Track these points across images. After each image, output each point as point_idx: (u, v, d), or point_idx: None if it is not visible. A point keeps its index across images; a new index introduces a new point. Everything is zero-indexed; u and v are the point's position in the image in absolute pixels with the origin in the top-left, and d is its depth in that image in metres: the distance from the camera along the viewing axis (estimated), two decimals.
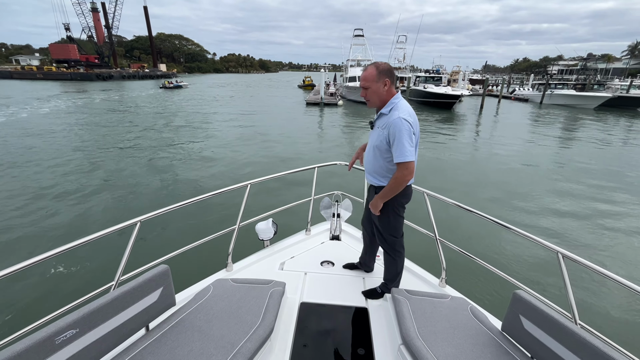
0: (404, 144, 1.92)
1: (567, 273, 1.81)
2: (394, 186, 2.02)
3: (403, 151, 1.93)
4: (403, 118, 1.93)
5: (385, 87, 2.02)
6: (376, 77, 2.00)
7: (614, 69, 59.87)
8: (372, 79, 2.01)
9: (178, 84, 49.00)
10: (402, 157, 1.93)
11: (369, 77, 2.01)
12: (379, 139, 2.05)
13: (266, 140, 14.08)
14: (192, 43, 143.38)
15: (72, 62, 71.76)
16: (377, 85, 2.01)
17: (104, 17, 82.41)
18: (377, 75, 2.00)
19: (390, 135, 1.96)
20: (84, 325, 1.36)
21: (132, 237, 1.93)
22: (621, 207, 7.55)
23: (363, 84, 2.05)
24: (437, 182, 9.09)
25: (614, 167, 11.06)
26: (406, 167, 1.95)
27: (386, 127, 1.99)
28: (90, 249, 5.00)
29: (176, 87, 47.71)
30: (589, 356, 1.33)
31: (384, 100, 2.06)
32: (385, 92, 2.04)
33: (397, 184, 2.00)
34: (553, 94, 35.65)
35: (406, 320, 1.85)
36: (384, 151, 2.06)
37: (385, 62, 2.05)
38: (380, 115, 2.09)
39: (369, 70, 2.02)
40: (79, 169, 9.55)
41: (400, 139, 1.92)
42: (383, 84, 2.01)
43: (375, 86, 2.02)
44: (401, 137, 1.92)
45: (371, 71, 2.01)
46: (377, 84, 2.01)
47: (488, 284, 4.29)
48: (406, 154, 1.92)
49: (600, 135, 17.50)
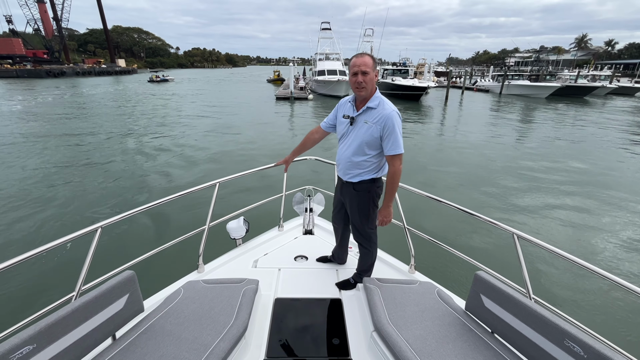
0: (398, 136, 1.97)
1: (521, 252, 1.95)
2: (394, 182, 2.05)
3: (398, 143, 1.98)
4: (396, 112, 1.99)
5: (376, 78, 2.05)
6: (373, 65, 2.00)
7: (563, 60, 64.35)
8: (372, 65, 1.99)
9: (164, 78, 53.02)
10: (398, 149, 1.98)
11: (369, 63, 1.98)
12: (368, 133, 2.02)
13: (235, 137, 13.76)
14: (153, 37, 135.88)
15: (17, 58, 65.57)
16: (373, 73, 2.01)
17: (52, 9, 75.71)
18: (374, 64, 2.01)
19: (385, 129, 1.97)
20: (42, 339, 1.28)
21: (93, 245, 1.84)
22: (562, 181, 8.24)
23: (363, 68, 1.96)
24: (407, 172, 9.37)
25: (563, 149, 12.00)
26: (399, 159, 2.02)
27: (380, 121, 1.98)
28: (47, 260, 4.67)
29: (163, 80, 51.21)
30: (541, 327, 1.46)
31: (373, 91, 2.06)
32: (375, 82, 2.05)
33: (397, 178, 2.05)
34: (510, 84, 37.84)
35: (377, 307, 1.92)
36: (374, 146, 2.05)
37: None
38: (367, 109, 2.05)
39: (367, 57, 1.99)
40: (28, 171, 8.84)
41: (396, 131, 1.96)
42: (375, 73, 2.03)
43: (372, 74, 2.00)
44: (396, 129, 1.96)
45: (369, 58, 1.99)
46: (374, 72, 2.01)
47: (454, 268, 4.53)
48: (401, 146, 1.99)
49: (549, 121, 18.98)
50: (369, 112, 2.04)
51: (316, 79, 33.04)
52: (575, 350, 1.32)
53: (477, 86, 44.00)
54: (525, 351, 1.55)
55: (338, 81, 29.05)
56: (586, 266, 1.68)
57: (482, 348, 1.65)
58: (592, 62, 69.59)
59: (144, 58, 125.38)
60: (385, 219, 2.16)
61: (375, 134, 2.00)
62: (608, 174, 9.48)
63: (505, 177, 8.96)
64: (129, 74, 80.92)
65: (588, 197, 7.62)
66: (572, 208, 7.02)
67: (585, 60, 73.89)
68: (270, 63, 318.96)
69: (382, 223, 2.18)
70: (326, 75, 31.03)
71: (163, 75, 54.35)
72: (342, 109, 2.23)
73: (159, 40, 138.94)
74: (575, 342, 1.33)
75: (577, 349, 1.32)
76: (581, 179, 8.95)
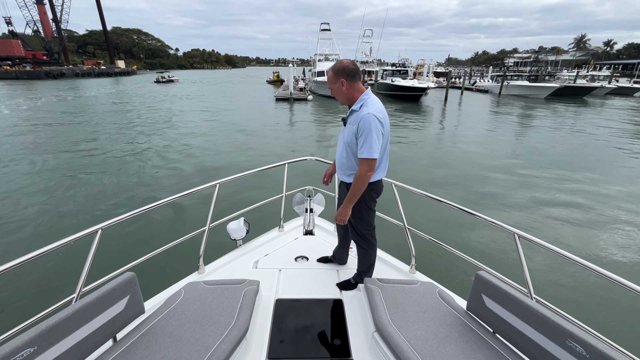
0: (371, 140, 1.91)
1: (522, 252, 1.95)
2: (357, 185, 2.03)
3: (369, 147, 1.92)
4: (373, 114, 1.92)
5: (344, 87, 2.04)
6: (333, 79, 2.06)
7: (562, 60, 64.44)
8: (331, 80, 2.08)
9: (170, 78, 56.02)
10: (368, 152, 1.93)
11: (329, 78, 2.10)
12: (349, 135, 2.04)
13: (235, 138, 13.78)
14: (152, 38, 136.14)
15: (17, 60, 65.56)
16: (335, 86, 2.06)
17: (51, 10, 75.76)
18: (334, 77, 2.05)
19: (359, 130, 1.95)
20: (42, 342, 1.28)
21: (94, 246, 1.83)
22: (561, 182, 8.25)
23: (328, 85, 2.14)
24: (408, 172, 9.38)
25: (561, 150, 12.00)
26: (368, 164, 1.95)
27: (356, 122, 1.98)
28: (47, 262, 4.66)
29: (168, 81, 54.13)
30: (542, 327, 1.46)
31: (351, 98, 2.07)
32: (346, 90, 2.05)
33: (361, 183, 2.01)
34: (509, 85, 37.87)
35: (379, 308, 1.91)
36: (354, 147, 2.05)
37: (344, 60, 2.07)
38: (351, 112, 2.08)
39: (329, 72, 2.10)
40: (25, 171, 8.83)
41: (369, 134, 1.91)
42: (340, 84, 2.03)
43: (335, 87, 2.07)
44: (370, 132, 1.91)
45: (329, 73, 2.09)
46: (336, 85, 2.06)
47: (455, 268, 4.53)
48: (372, 151, 1.92)
49: (548, 122, 19.00)
50: (352, 114, 2.08)
51: (315, 80, 33.08)
52: (577, 350, 1.32)
53: (477, 86, 44.07)
54: (527, 351, 1.54)
55: None
56: (587, 265, 1.68)
57: (484, 348, 1.65)
58: (591, 62, 69.78)
59: (144, 59, 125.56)
60: (339, 216, 2.16)
61: (352, 135, 2.02)
62: (608, 175, 9.49)
63: (505, 178, 8.96)
64: (129, 75, 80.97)
65: (588, 198, 7.63)
66: (573, 208, 7.02)
67: (584, 60, 74.07)
68: (269, 64, 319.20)
69: (336, 219, 2.20)
70: (325, 76, 31.01)
71: (168, 76, 57.27)
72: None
73: (158, 41, 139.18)
74: (577, 341, 1.32)
75: (579, 348, 1.31)
76: (581, 179, 8.95)
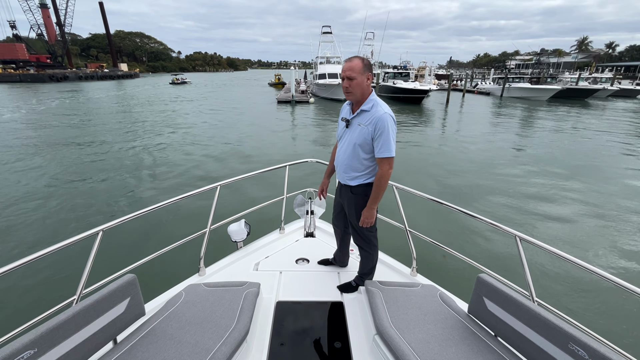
0: (390, 139, 1.94)
1: (524, 254, 1.94)
2: (380, 185, 2.02)
3: (389, 146, 1.95)
4: (389, 114, 1.95)
5: (368, 82, 2.01)
6: (362, 69, 1.95)
7: (564, 62, 64.19)
8: (359, 70, 1.95)
9: (184, 80, 61.25)
10: (388, 152, 1.95)
11: (356, 68, 1.94)
12: (361, 136, 2.02)
13: (236, 139, 13.81)
14: (155, 41, 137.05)
15: (21, 63, 66.13)
16: (362, 77, 1.96)
17: (55, 14, 76.51)
18: (363, 68, 1.95)
19: (376, 130, 1.95)
20: (43, 344, 1.28)
21: (94, 248, 1.83)
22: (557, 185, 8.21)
23: (349, 74, 1.96)
24: (409, 174, 9.36)
25: (561, 154, 11.95)
26: (389, 162, 1.98)
27: (371, 123, 1.96)
28: (48, 264, 4.67)
29: (182, 82, 59.15)
30: (544, 330, 1.45)
31: (365, 95, 2.03)
32: (367, 86, 2.01)
33: (384, 181, 2.02)
34: (511, 87, 37.83)
35: (380, 310, 1.90)
36: (366, 148, 2.04)
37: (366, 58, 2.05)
38: (360, 112, 2.05)
39: (355, 62, 1.95)
40: (26, 169, 8.88)
41: (388, 134, 1.93)
42: (367, 77, 1.99)
43: (360, 78, 1.96)
44: (388, 132, 1.93)
45: (358, 62, 1.95)
46: (362, 77, 1.97)
47: (456, 270, 4.50)
48: (391, 149, 1.95)
49: (550, 124, 18.96)
50: (362, 114, 2.04)
51: (317, 83, 33.16)
52: (579, 354, 1.31)
53: (478, 89, 44.07)
54: (528, 355, 1.53)
55: (339, 84, 29.12)
56: (590, 268, 1.67)
57: (485, 351, 1.64)
58: (593, 64, 69.56)
59: (146, 62, 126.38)
60: (366, 219, 2.14)
61: (367, 135, 2.00)
62: (609, 175, 9.44)
63: (505, 179, 8.93)
64: (131, 78, 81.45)
65: (589, 198, 7.59)
66: (576, 211, 6.99)
67: (586, 62, 73.84)
68: (271, 66, 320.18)
69: (363, 223, 2.17)
70: (327, 79, 31.13)
71: (182, 79, 62.58)
72: (342, 113, 2.25)
73: (161, 44, 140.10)
74: (579, 345, 1.31)
75: (581, 352, 1.30)
76: (583, 181, 8.91)
